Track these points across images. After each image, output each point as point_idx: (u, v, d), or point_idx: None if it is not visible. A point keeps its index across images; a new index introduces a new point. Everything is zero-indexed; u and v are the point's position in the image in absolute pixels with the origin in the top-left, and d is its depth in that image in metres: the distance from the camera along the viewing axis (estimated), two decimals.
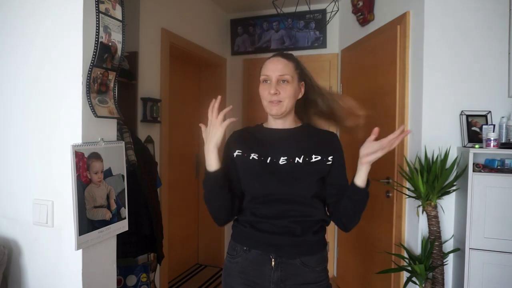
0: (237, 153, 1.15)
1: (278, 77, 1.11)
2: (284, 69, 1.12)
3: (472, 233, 1.61)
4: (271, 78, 1.11)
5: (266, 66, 1.15)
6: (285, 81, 1.12)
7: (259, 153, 1.13)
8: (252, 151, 1.13)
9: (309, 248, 1.11)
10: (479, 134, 1.72)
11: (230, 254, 1.17)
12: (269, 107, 1.12)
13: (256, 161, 1.12)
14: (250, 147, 1.15)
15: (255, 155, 1.12)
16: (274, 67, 1.13)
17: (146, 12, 2.19)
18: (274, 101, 1.10)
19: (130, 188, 1.40)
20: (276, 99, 1.10)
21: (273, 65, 1.13)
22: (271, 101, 1.11)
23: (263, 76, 1.14)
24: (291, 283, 1.08)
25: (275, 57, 1.16)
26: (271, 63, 1.14)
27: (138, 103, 2.14)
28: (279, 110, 1.11)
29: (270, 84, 1.12)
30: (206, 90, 3.36)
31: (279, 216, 1.09)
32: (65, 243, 1.18)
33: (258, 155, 1.12)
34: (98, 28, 1.15)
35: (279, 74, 1.11)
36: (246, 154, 1.14)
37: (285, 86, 1.11)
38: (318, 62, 3.06)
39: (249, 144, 1.16)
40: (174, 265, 2.98)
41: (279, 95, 1.10)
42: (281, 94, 1.10)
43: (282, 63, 1.13)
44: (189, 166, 3.26)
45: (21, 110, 1.25)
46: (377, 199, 2.26)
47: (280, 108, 1.11)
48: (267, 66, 1.15)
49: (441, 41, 1.80)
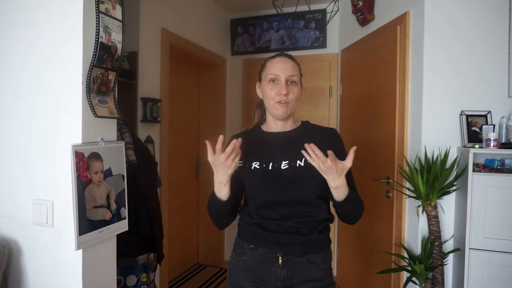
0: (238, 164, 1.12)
1: (287, 77, 1.09)
2: (293, 70, 1.12)
3: (472, 233, 1.61)
4: (281, 78, 1.09)
5: (274, 65, 1.12)
6: (293, 82, 1.11)
7: (260, 160, 1.12)
8: (253, 159, 1.12)
9: (315, 246, 1.11)
10: (479, 134, 1.72)
11: (236, 251, 1.18)
12: (276, 107, 1.10)
13: (259, 170, 1.11)
14: (251, 156, 1.13)
15: (256, 163, 1.12)
16: (283, 67, 1.11)
17: (146, 12, 2.19)
18: (283, 102, 1.08)
19: (130, 188, 1.40)
20: (285, 100, 1.08)
21: (282, 64, 1.11)
22: (279, 102, 1.09)
23: (271, 75, 1.11)
24: (297, 280, 1.09)
25: (282, 57, 1.14)
26: (280, 63, 1.12)
27: (138, 103, 2.14)
28: (285, 111, 1.10)
29: (278, 84, 1.10)
30: (206, 90, 3.36)
31: (285, 218, 1.09)
32: (65, 243, 1.18)
33: (259, 163, 1.11)
34: (98, 28, 1.15)
35: (289, 74, 1.10)
36: (248, 164, 1.13)
37: (293, 87, 1.11)
38: (318, 62, 3.06)
39: (249, 152, 1.13)
40: (174, 265, 2.98)
41: (288, 96, 1.08)
42: (289, 96, 1.09)
43: (291, 63, 1.12)
44: (189, 166, 3.26)
45: (21, 110, 1.25)
46: (377, 199, 2.26)
47: (287, 109, 1.10)
48: (275, 65, 1.12)
49: (441, 41, 1.80)
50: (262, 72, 1.16)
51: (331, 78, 3.04)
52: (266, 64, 1.16)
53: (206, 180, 3.35)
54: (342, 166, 0.98)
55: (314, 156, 0.96)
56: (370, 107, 2.40)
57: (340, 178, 0.99)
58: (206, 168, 3.32)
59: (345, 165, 0.98)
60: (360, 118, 2.56)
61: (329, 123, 3.04)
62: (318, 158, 0.96)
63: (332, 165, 0.96)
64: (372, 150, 2.35)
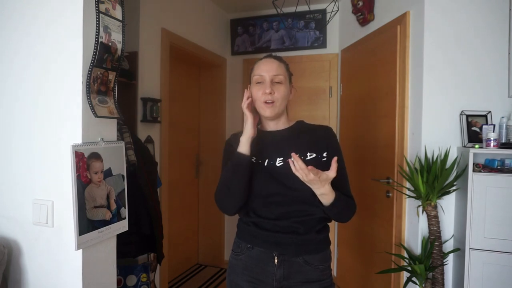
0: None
1: (272, 77, 1.11)
2: (278, 69, 1.13)
3: (472, 233, 1.61)
4: (265, 78, 1.12)
5: (258, 67, 1.15)
6: (279, 82, 1.12)
7: (257, 156, 1.13)
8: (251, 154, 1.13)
9: (312, 247, 1.11)
10: (479, 134, 1.72)
11: (234, 251, 1.19)
12: (263, 108, 1.12)
13: (254, 164, 1.12)
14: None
15: (253, 158, 1.13)
16: (268, 67, 1.13)
17: (146, 12, 2.19)
18: (269, 101, 1.10)
19: (130, 188, 1.40)
20: (270, 99, 1.10)
21: (267, 65, 1.13)
22: (265, 102, 1.10)
23: (256, 76, 1.14)
24: (294, 281, 1.09)
25: (267, 58, 1.17)
26: (264, 64, 1.14)
27: (138, 103, 2.14)
28: (272, 111, 1.12)
29: (264, 84, 1.12)
30: (206, 90, 3.35)
31: (281, 217, 1.10)
32: (65, 243, 1.18)
33: (256, 158, 1.13)
34: (98, 28, 1.15)
35: (273, 74, 1.12)
36: None
37: (278, 86, 1.12)
38: (318, 62, 3.06)
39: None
40: (174, 265, 2.98)
41: (273, 95, 1.10)
42: (275, 95, 1.10)
43: (275, 63, 1.14)
44: (189, 166, 3.26)
45: (21, 110, 1.25)
46: (377, 199, 2.26)
47: (274, 109, 1.11)
48: (259, 66, 1.15)
49: (441, 41, 1.80)
50: (251, 75, 1.19)
51: (331, 78, 3.04)
52: (254, 67, 1.19)
53: (206, 180, 3.35)
54: (325, 177, 0.99)
55: (298, 167, 0.96)
56: (370, 107, 2.40)
57: (325, 187, 1.01)
58: (206, 168, 3.33)
59: (328, 176, 0.99)
60: (360, 118, 2.56)
61: (329, 123, 3.03)
62: (301, 170, 0.96)
63: (314, 178, 0.97)
64: (372, 150, 2.35)
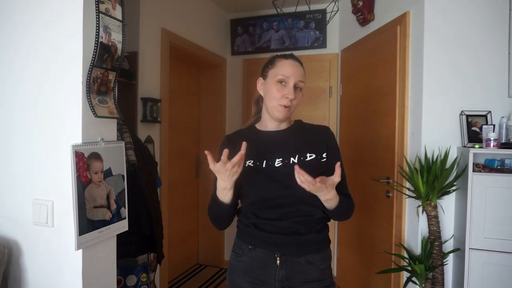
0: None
1: (297, 82, 1.09)
2: (303, 76, 1.12)
3: (472, 233, 1.61)
4: (290, 82, 1.09)
5: (285, 67, 1.10)
6: (300, 88, 1.11)
7: (254, 158, 1.12)
8: (247, 158, 1.11)
9: (313, 246, 1.11)
10: (479, 134, 1.72)
11: (235, 252, 1.18)
12: (278, 110, 1.10)
13: (252, 168, 1.11)
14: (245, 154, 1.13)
15: (250, 161, 1.12)
16: (295, 71, 1.10)
17: (146, 12, 2.19)
18: (287, 105, 1.08)
19: (130, 188, 1.40)
20: (289, 104, 1.08)
21: (294, 69, 1.10)
22: (284, 105, 1.08)
23: (281, 76, 1.09)
24: (296, 281, 1.09)
25: (294, 61, 1.13)
26: (292, 67, 1.11)
27: (138, 103, 2.14)
28: (286, 115, 1.11)
29: (286, 87, 1.09)
30: (206, 90, 3.36)
31: (282, 218, 1.09)
32: (65, 243, 1.18)
33: (253, 161, 1.12)
34: (98, 28, 1.15)
35: (299, 79, 1.10)
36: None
37: (298, 93, 1.11)
38: (318, 62, 3.06)
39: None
40: (174, 265, 2.98)
41: (292, 101, 1.09)
42: (293, 101, 1.09)
43: (301, 69, 1.12)
44: (189, 166, 3.26)
45: (22, 110, 1.25)
46: (377, 199, 2.26)
47: (287, 113, 1.11)
48: (285, 67, 1.10)
49: (441, 41, 1.80)
50: (270, 70, 1.14)
51: (331, 78, 3.04)
52: (276, 62, 1.14)
53: (206, 180, 3.35)
54: (331, 183, 0.98)
55: (304, 179, 0.95)
56: (370, 107, 2.40)
57: (331, 193, 1.01)
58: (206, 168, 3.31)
59: (334, 181, 0.98)
60: (360, 118, 2.56)
61: (329, 123, 3.04)
62: (308, 182, 0.95)
63: (321, 186, 0.96)
64: (372, 150, 2.35)
